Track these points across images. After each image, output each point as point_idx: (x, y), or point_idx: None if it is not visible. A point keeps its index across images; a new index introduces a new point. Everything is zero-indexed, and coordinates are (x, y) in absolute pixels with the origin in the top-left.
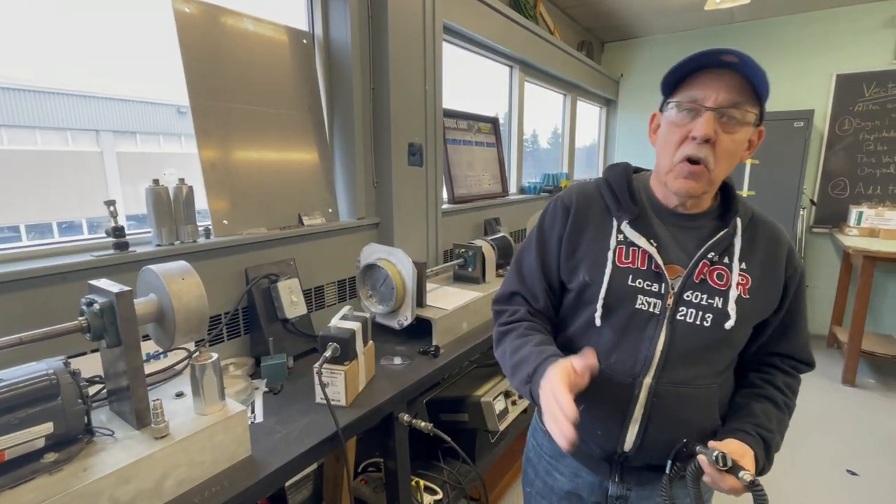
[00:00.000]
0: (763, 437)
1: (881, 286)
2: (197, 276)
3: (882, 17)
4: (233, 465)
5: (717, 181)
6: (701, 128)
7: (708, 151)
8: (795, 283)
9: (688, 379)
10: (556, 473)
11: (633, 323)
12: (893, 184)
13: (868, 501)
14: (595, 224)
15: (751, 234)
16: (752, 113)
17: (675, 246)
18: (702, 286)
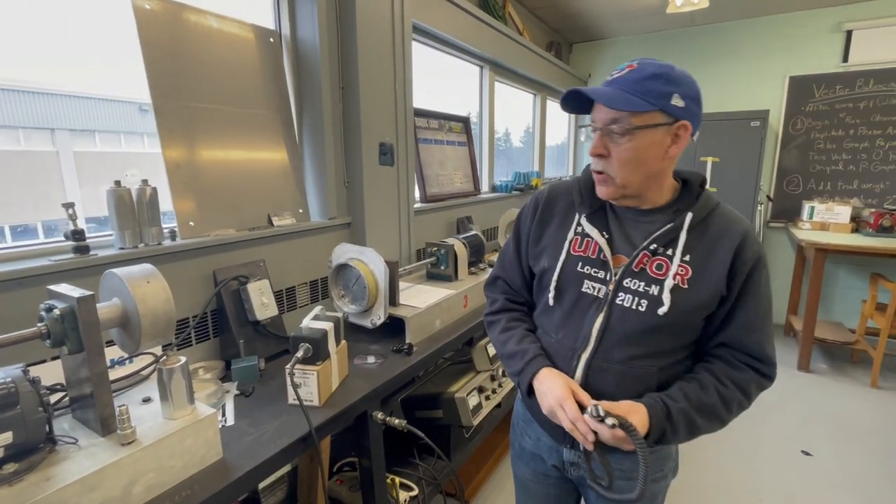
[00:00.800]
0: (666, 403)
1: (832, 276)
2: (162, 279)
3: (829, 22)
4: (203, 468)
5: (628, 184)
6: (592, 147)
7: (605, 164)
8: (745, 274)
9: (622, 358)
10: (526, 437)
11: (580, 304)
12: (842, 180)
13: (821, 479)
14: (560, 217)
15: (702, 228)
16: (641, 122)
17: (624, 238)
18: (640, 274)
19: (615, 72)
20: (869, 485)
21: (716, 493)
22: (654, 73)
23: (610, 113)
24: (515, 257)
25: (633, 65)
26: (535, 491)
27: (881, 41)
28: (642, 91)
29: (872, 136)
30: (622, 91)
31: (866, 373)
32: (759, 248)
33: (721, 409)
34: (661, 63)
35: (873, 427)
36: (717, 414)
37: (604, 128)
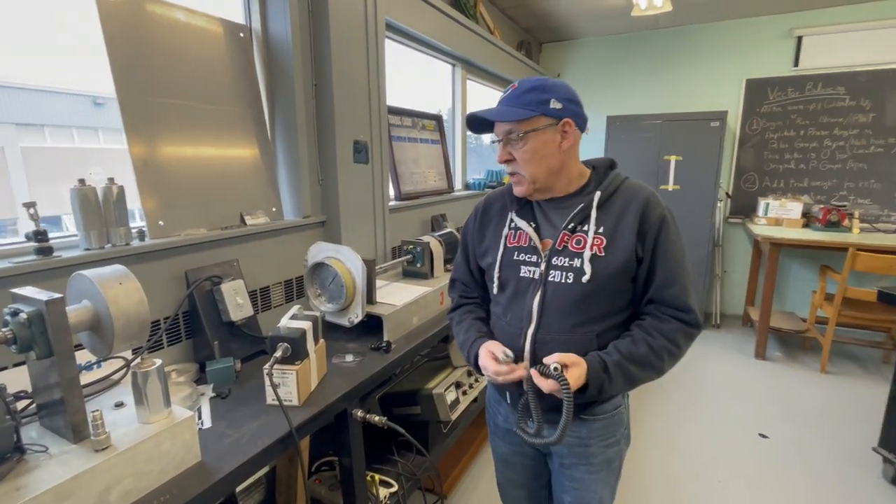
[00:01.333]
0: (601, 357)
1: (785, 269)
2: (135, 279)
3: (782, 28)
4: (182, 472)
5: (538, 179)
6: (498, 156)
7: (514, 166)
8: (654, 234)
9: (561, 329)
10: (498, 415)
11: (520, 288)
12: (794, 178)
13: (776, 460)
14: (496, 218)
15: (610, 203)
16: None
17: (548, 224)
18: (564, 252)
19: (504, 92)
20: (819, 463)
21: (678, 474)
22: (530, 87)
23: (505, 126)
24: (464, 259)
25: (514, 84)
26: (513, 462)
27: (828, 47)
28: (523, 103)
29: (820, 136)
30: (507, 106)
31: (816, 359)
32: (663, 209)
33: (652, 357)
34: (538, 78)
35: (823, 409)
36: (650, 362)
37: (504, 138)
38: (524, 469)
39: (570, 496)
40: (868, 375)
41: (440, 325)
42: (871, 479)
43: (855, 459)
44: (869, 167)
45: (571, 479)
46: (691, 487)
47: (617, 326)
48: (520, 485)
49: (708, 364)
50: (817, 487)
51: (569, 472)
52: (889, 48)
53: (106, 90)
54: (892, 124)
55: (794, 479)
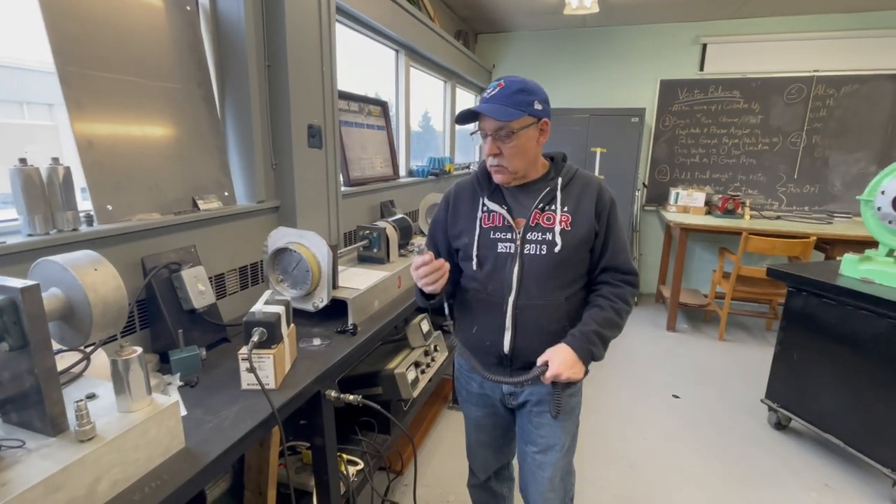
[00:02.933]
0: (582, 331)
1: (691, 251)
2: (110, 265)
3: (690, 35)
4: (168, 458)
5: (519, 170)
6: (487, 149)
7: (500, 159)
8: (606, 213)
9: (539, 295)
10: (471, 382)
11: (498, 262)
12: (698, 170)
13: (687, 416)
14: (468, 204)
15: (570, 187)
16: (517, 125)
17: (519, 206)
18: (536, 228)
19: (491, 90)
20: (719, 415)
21: (610, 433)
22: (518, 88)
23: (497, 123)
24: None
25: (501, 83)
26: (485, 425)
27: (727, 55)
28: (514, 103)
29: (720, 134)
30: (500, 105)
31: (716, 329)
32: (611, 193)
33: (616, 318)
34: (520, 79)
35: (721, 371)
36: (616, 322)
37: (493, 134)
38: (494, 429)
39: (537, 445)
40: (755, 341)
41: (400, 308)
42: (760, 425)
43: (747, 410)
44: (757, 162)
45: (539, 426)
46: (621, 445)
47: (580, 290)
48: (488, 444)
49: (628, 338)
50: (718, 434)
51: (537, 419)
52: (774, 59)
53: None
54: (776, 125)
55: (700, 429)
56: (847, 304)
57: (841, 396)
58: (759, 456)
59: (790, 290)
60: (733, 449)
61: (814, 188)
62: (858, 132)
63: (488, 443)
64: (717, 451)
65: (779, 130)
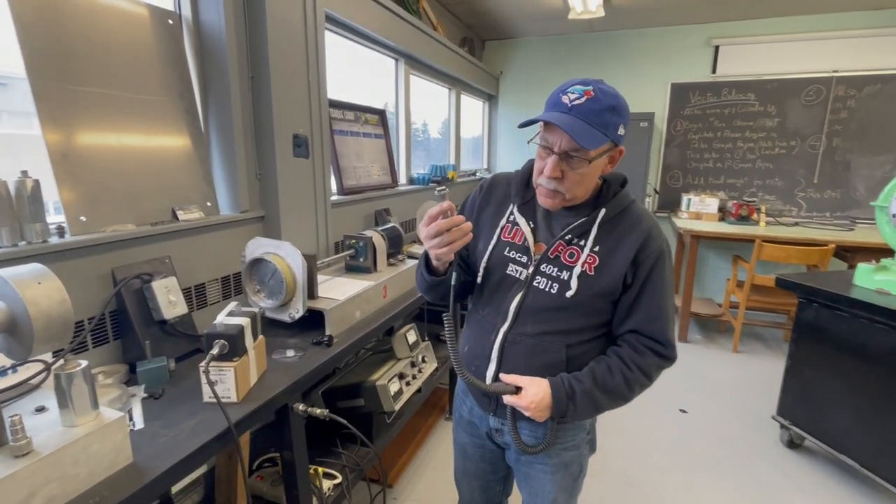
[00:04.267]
0: (572, 385)
1: (704, 259)
2: (56, 278)
3: (702, 37)
4: (112, 474)
5: (574, 198)
6: (548, 170)
7: (557, 183)
8: (648, 266)
9: (533, 333)
10: (463, 406)
11: (503, 285)
12: (712, 176)
13: (694, 432)
14: (496, 203)
15: (613, 224)
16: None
17: (546, 229)
18: (555, 261)
19: (571, 94)
20: (728, 431)
21: (612, 447)
22: (610, 105)
23: (572, 143)
24: None
25: (589, 91)
26: (472, 454)
27: (741, 56)
28: (601, 124)
29: (734, 138)
30: (586, 124)
31: (730, 339)
32: (662, 243)
33: (624, 389)
34: (613, 92)
35: (733, 385)
36: (620, 393)
37: (561, 153)
38: (482, 461)
39: (526, 493)
40: (772, 353)
41: (383, 318)
42: (771, 443)
43: (758, 427)
44: (774, 166)
45: (527, 476)
46: (620, 460)
47: (588, 342)
48: (475, 475)
49: None
50: (725, 452)
51: (524, 468)
52: (791, 60)
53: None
54: (793, 128)
55: (707, 445)
56: (861, 317)
57: (855, 415)
58: (768, 475)
59: (801, 302)
60: (741, 467)
61: (835, 193)
62: (882, 134)
63: (475, 474)
64: (723, 470)
65: (797, 133)
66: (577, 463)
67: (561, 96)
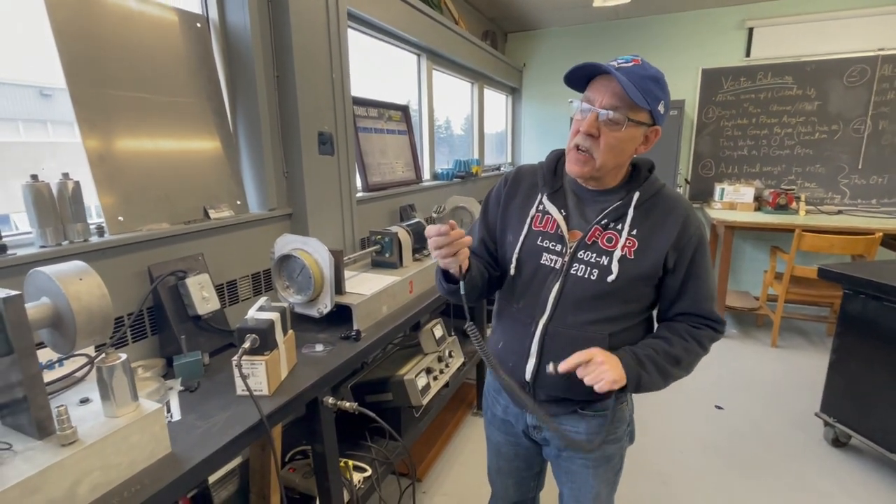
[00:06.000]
0: (635, 352)
1: (740, 251)
2: (96, 275)
3: (735, 19)
4: (152, 463)
5: (603, 168)
6: (586, 125)
7: (592, 143)
8: (691, 251)
9: (575, 323)
10: (497, 405)
11: (538, 275)
12: (747, 164)
13: (729, 429)
14: (524, 194)
15: (649, 207)
16: (633, 116)
17: (579, 216)
18: (593, 247)
19: (620, 60)
20: (767, 429)
21: (642, 445)
22: (654, 75)
23: (613, 99)
24: (483, 226)
25: (637, 59)
26: (506, 453)
27: (777, 38)
28: (644, 89)
29: (771, 123)
30: (631, 83)
31: (769, 334)
32: (700, 225)
33: (684, 357)
34: (656, 68)
35: (772, 381)
36: (683, 360)
37: (602, 110)
38: (516, 458)
39: (567, 488)
40: (814, 348)
41: (410, 313)
42: (814, 442)
43: (800, 424)
44: (814, 152)
45: (568, 471)
46: (654, 458)
47: (630, 329)
48: (509, 473)
49: None
50: (764, 450)
51: (565, 464)
52: (832, 39)
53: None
54: (835, 112)
55: (744, 444)
56: None
57: None
58: (810, 475)
59: (846, 293)
60: (781, 466)
61: (882, 179)
62: None
63: (508, 472)
64: (762, 469)
65: (839, 117)
66: (619, 456)
67: (611, 61)
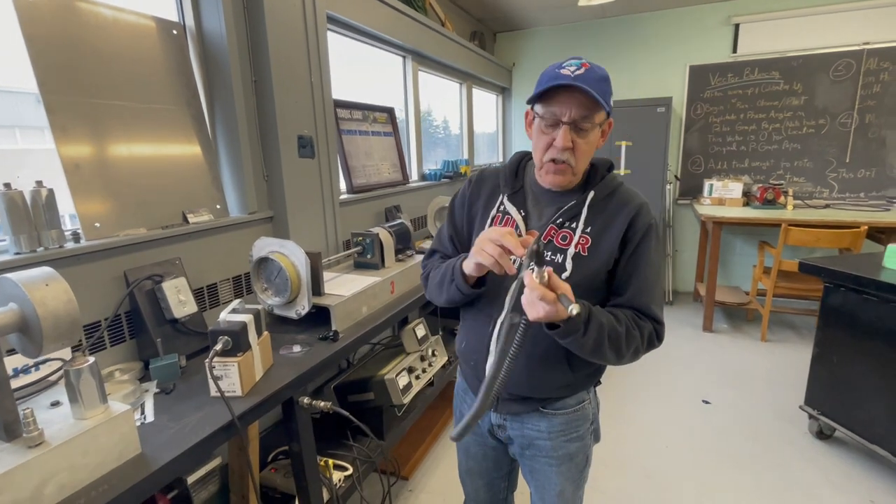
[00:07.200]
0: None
1: (730, 246)
2: (63, 280)
3: (721, 16)
4: (121, 464)
5: (579, 173)
6: (560, 140)
7: (569, 155)
8: (636, 241)
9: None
10: (464, 404)
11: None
12: (735, 159)
13: (717, 423)
14: (486, 195)
15: (603, 205)
16: (598, 120)
17: (538, 216)
18: (548, 245)
19: (570, 67)
20: (754, 423)
21: (627, 440)
22: (604, 75)
23: (581, 110)
24: (450, 230)
25: (585, 63)
26: (474, 453)
27: (763, 34)
28: (601, 92)
29: (758, 119)
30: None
31: (758, 328)
32: (651, 219)
33: (624, 342)
34: (599, 66)
35: (760, 375)
36: (620, 344)
37: (571, 122)
38: (485, 459)
39: (532, 487)
40: (802, 341)
41: (390, 313)
42: (799, 434)
43: (786, 417)
44: (802, 147)
45: (532, 469)
46: (639, 453)
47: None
48: (479, 474)
49: None
50: (750, 443)
51: (529, 462)
52: (817, 34)
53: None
54: (822, 106)
55: (731, 437)
56: (891, 301)
57: (888, 403)
58: (795, 468)
59: (826, 286)
60: (766, 459)
61: (869, 172)
62: None
63: (478, 473)
64: (747, 462)
65: (826, 111)
66: (583, 454)
67: (560, 70)
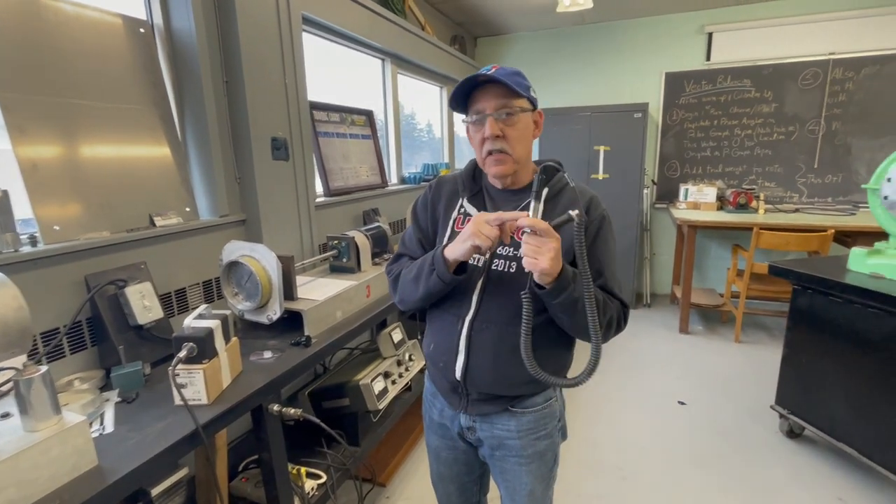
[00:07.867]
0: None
1: (705, 249)
2: (12, 286)
3: (694, 25)
4: (76, 477)
5: (521, 159)
6: (488, 129)
7: (502, 143)
8: (593, 231)
9: (499, 318)
10: (433, 409)
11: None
12: (710, 165)
13: (692, 424)
14: (446, 198)
15: (557, 200)
16: (519, 105)
17: None
18: (512, 243)
19: (487, 70)
20: (727, 423)
21: (602, 441)
22: (515, 70)
23: (499, 100)
24: (416, 234)
25: (496, 66)
26: (445, 458)
27: (735, 43)
28: (515, 81)
29: (731, 125)
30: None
31: (732, 330)
32: (604, 210)
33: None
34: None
35: (735, 376)
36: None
37: (495, 112)
38: (455, 463)
39: (503, 488)
40: (775, 342)
41: (365, 317)
42: (770, 433)
43: (758, 417)
44: (773, 153)
45: (502, 470)
46: (615, 453)
47: (552, 323)
48: (450, 479)
49: (637, 342)
50: (723, 443)
51: (499, 463)
52: (787, 44)
53: None
54: (791, 113)
55: (704, 437)
56: (855, 303)
57: (853, 402)
58: (766, 466)
59: (795, 289)
60: (738, 458)
61: (836, 178)
62: (882, 116)
63: (450, 478)
64: (720, 461)
65: (795, 118)
66: (552, 452)
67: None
